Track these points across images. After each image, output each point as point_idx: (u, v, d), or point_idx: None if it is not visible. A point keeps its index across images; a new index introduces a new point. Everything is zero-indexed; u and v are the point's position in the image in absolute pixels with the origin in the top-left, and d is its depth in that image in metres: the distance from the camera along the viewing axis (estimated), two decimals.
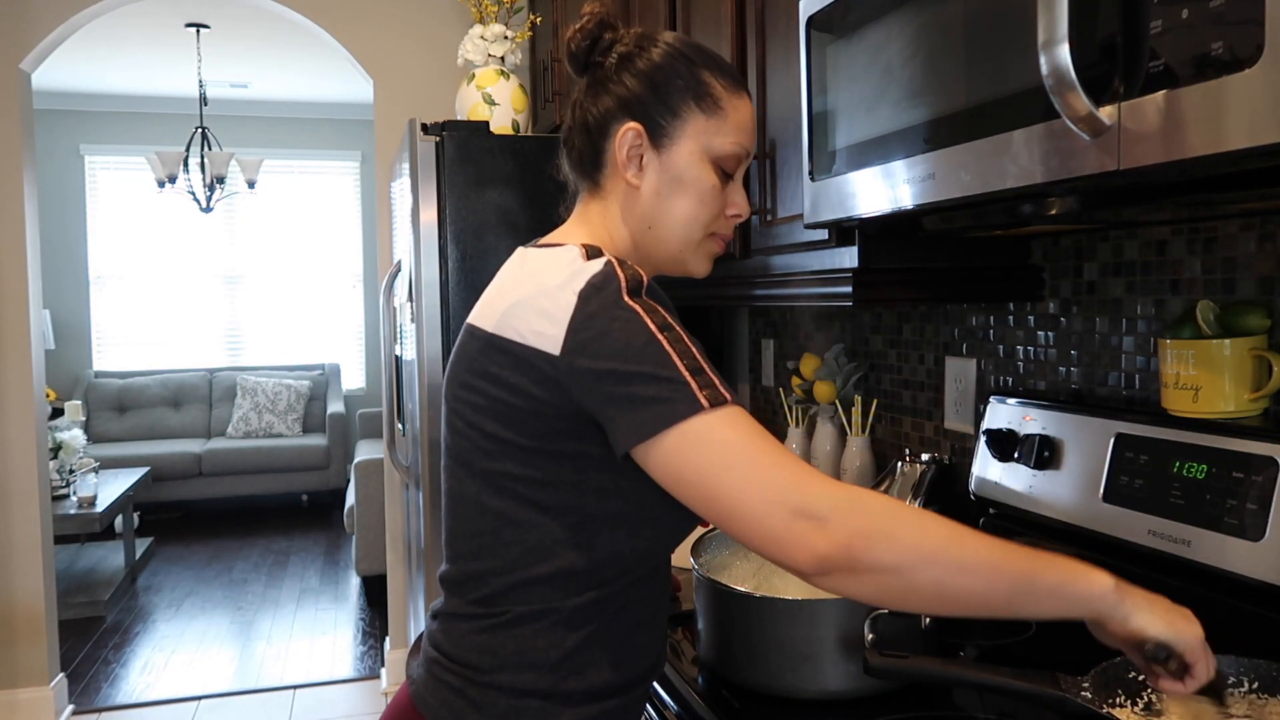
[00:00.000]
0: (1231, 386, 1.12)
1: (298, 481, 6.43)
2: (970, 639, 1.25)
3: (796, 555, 0.78)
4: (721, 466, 0.81)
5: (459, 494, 0.96)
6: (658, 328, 0.84)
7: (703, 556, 1.21)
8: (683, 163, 0.99)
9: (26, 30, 3.13)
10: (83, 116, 6.59)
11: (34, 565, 3.22)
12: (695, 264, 1.05)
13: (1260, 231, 1.15)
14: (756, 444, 0.81)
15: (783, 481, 0.79)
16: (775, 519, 0.78)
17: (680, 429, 0.81)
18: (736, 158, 1.01)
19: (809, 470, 0.80)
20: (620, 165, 1.00)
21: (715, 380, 0.83)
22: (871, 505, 0.79)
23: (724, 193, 1.02)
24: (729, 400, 0.82)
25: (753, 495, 0.79)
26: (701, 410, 0.81)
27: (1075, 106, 0.78)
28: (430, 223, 2.42)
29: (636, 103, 0.99)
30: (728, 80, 1.01)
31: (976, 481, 1.45)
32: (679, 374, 0.82)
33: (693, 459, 0.81)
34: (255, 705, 3.49)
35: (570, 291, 0.87)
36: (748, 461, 0.80)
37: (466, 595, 0.95)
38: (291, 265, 7.06)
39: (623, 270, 0.89)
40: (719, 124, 0.99)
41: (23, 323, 3.17)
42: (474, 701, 0.93)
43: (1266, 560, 0.98)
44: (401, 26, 3.38)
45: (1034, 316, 1.54)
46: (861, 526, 0.77)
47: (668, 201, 1.00)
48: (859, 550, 0.77)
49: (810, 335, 2.28)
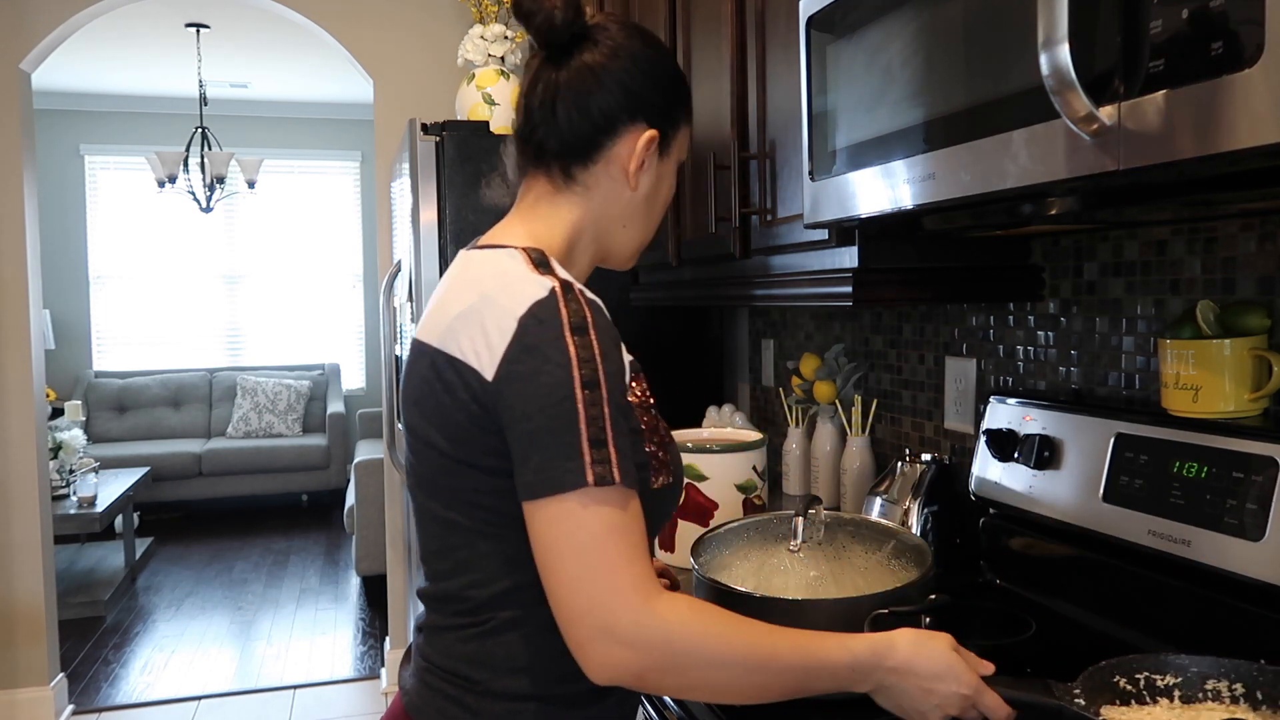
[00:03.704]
0: (1231, 386, 1.12)
1: (298, 481, 6.43)
2: (970, 639, 1.25)
3: (589, 666, 0.82)
4: (567, 552, 0.82)
5: (427, 512, 0.95)
6: (582, 383, 0.82)
7: (703, 556, 1.21)
8: (669, 170, 1.04)
9: (26, 30, 3.13)
10: (83, 116, 6.59)
11: (34, 565, 3.22)
12: (635, 260, 1.09)
13: (1260, 231, 1.15)
14: (607, 542, 0.81)
15: (604, 595, 0.81)
16: (582, 628, 0.81)
17: (559, 500, 0.82)
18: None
19: (638, 585, 0.81)
20: (628, 166, 0.97)
21: (612, 456, 0.82)
22: (676, 642, 0.81)
23: None
24: (616, 481, 0.81)
25: (575, 595, 0.81)
26: (583, 486, 0.81)
27: (1075, 106, 0.78)
28: (430, 223, 2.42)
29: (653, 109, 0.98)
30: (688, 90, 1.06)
31: (976, 481, 1.45)
32: (578, 442, 0.81)
33: (550, 531, 0.82)
34: (255, 705, 3.49)
35: (512, 316, 0.84)
36: (589, 559, 0.81)
37: (449, 609, 0.94)
38: (291, 265, 7.06)
39: (567, 303, 0.85)
40: (688, 134, 1.06)
41: (23, 323, 3.17)
42: (469, 709, 0.92)
43: (1266, 560, 0.98)
44: (401, 26, 3.38)
45: (1034, 316, 1.54)
46: (658, 662, 0.81)
47: (652, 204, 1.03)
48: (649, 681, 0.82)
49: (810, 335, 2.28)
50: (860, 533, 1.24)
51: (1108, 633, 1.23)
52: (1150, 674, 0.91)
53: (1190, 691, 0.90)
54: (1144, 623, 1.18)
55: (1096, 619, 1.25)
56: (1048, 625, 1.28)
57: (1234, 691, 0.89)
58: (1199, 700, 0.89)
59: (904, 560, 1.17)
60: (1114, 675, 0.90)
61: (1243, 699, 0.88)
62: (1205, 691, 0.90)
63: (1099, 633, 1.24)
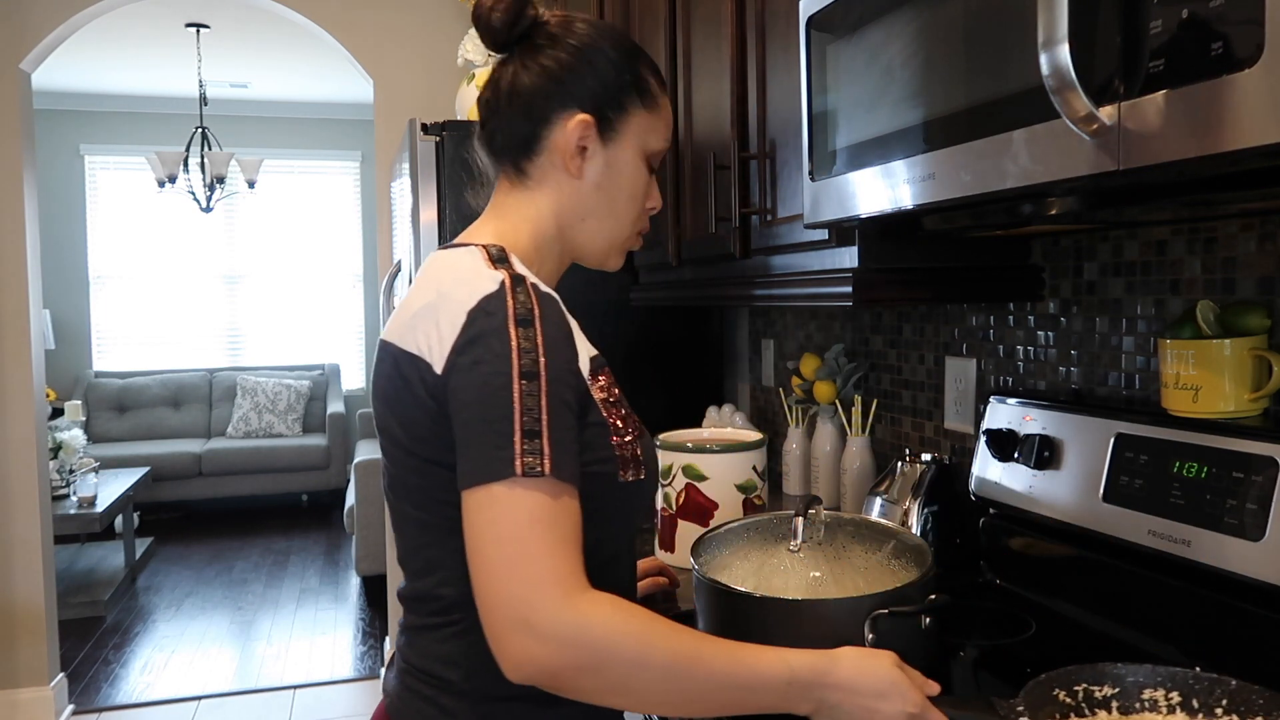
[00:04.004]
0: (1231, 386, 1.12)
1: (298, 481, 6.43)
2: (970, 639, 1.25)
3: (504, 661, 0.79)
4: (489, 541, 0.80)
5: (400, 513, 0.96)
6: (520, 373, 0.83)
7: (703, 556, 1.21)
8: (623, 159, 1.01)
9: (26, 30, 3.13)
10: (83, 116, 6.59)
11: (34, 565, 3.22)
12: (616, 259, 1.06)
13: (1260, 231, 1.15)
14: (531, 533, 0.80)
15: (525, 586, 0.79)
16: (499, 620, 0.79)
17: (487, 489, 0.81)
18: (661, 155, 1.04)
19: (561, 579, 0.79)
20: (565, 155, 0.99)
21: (545, 447, 0.82)
22: (594, 640, 0.78)
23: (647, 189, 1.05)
24: (545, 473, 0.81)
25: (493, 586, 0.79)
26: (511, 476, 0.80)
27: (1075, 106, 0.78)
28: (430, 223, 2.42)
29: (585, 93, 0.98)
30: (659, 78, 1.04)
31: (976, 481, 1.45)
32: (511, 432, 0.81)
33: (475, 519, 0.82)
34: (255, 705, 3.49)
35: (463, 310, 0.86)
36: (513, 550, 0.79)
37: (424, 609, 0.95)
38: (291, 265, 7.06)
39: (515, 295, 0.86)
40: (654, 121, 1.02)
41: (23, 323, 3.17)
42: (446, 709, 0.92)
43: (1266, 560, 0.98)
44: (401, 26, 3.38)
45: (1034, 316, 1.54)
46: (573, 660, 0.78)
47: (608, 196, 1.01)
48: (565, 681, 0.79)
49: (810, 335, 2.28)
50: (860, 533, 1.24)
51: (1108, 633, 1.23)
52: (1088, 685, 0.90)
53: (1128, 702, 0.90)
54: (1144, 623, 1.18)
55: (1096, 619, 1.25)
56: (1048, 625, 1.28)
57: (1170, 700, 0.89)
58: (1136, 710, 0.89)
59: (904, 560, 1.17)
60: (1054, 688, 0.89)
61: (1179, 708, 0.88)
62: (1142, 701, 0.89)
63: (1099, 633, 1.24)
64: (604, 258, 1.06)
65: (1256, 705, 0.85)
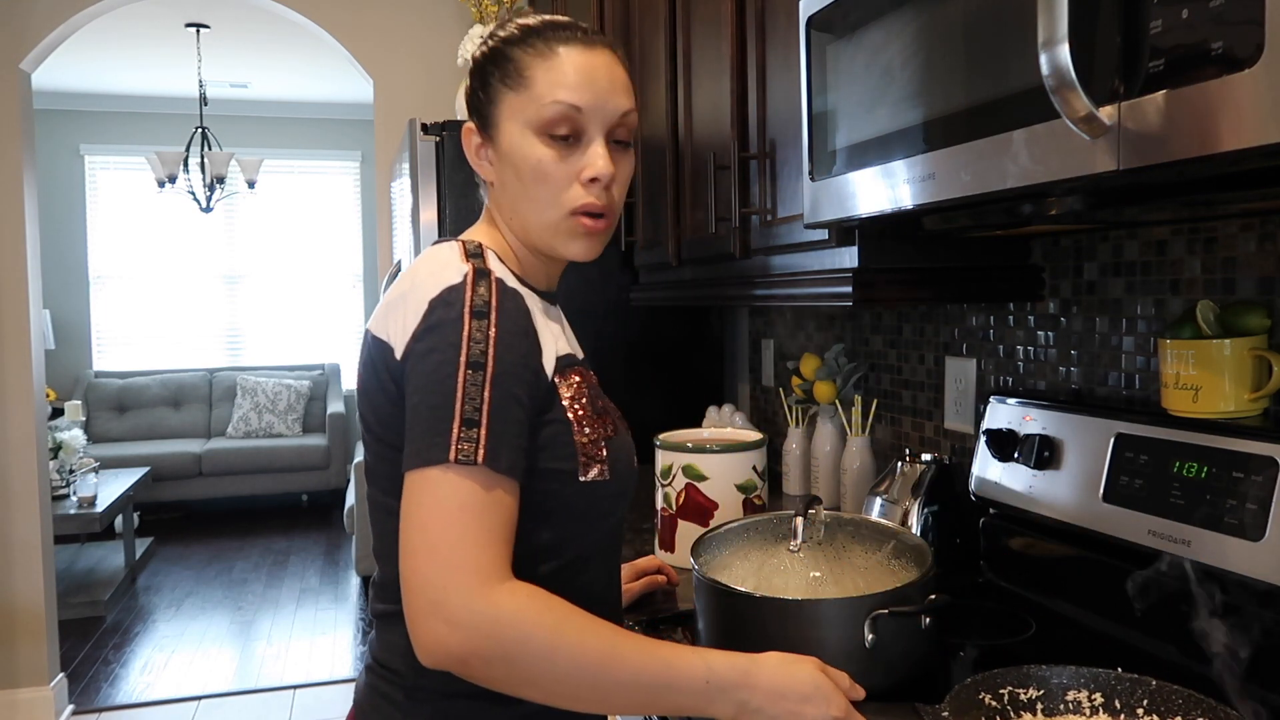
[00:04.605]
0: (1231, 386, 1.12)
1: (298, 481, 6.43)
2: (970, 639, 1.25)
3: (416, 644, 0.80)
4: (419, 524, 0.81)
5: (374, 502, 0.97)
6: (467, 362, 0.84)
7: (703, 556, 1.21)
8: (508, 145, 0.97)
9: (26, 30, 3.13)
10: (83, 116, 6.59)
11: (34, 565, 3.22)
12: (564, 246, 0.98)
13: (1260, 231, 1.15)
14: (458, 520, 0.81)
15: (443, 570, 0.79)
16: (415, 601, 0.80)
17: (423, 472, 0.82)
18: (562, 118, 0.94)
19: (480, 567, 0.80)
20: (473, 164, 1.02)
21: (482, 436, 0.82)
22: (504, 628, 0.78)
23: (570, 160, 0.96)
24: (478, 462, 0.82)
25: (413, 567, 0.81)
26: (443, 463, 0.81)
27: (1075, 106, 0.78)
28: (430, 223, 2.42)
29: (469, 100, 1.01)
30: (537, 45, 0.96)
31: (976, 481, 1.45)
32: (450, 419, 0.82)
33: (409, 502, 0.83)
34: (255, 705, 3.49)
35: (426, 298, 0.88)
36: (436, 534, 0.80)
37: (389, 595, 0.95)
38: (291, 265, 7.06)
39: (476, 287, 0.88)
40: (528, 94, 0.95)
41: (23, 323, 3.17)
42: (402, 706, 0.93)
43: (1266, 560, 0.98)
44: (401, 26, 3.38)
45: (1034, 316, 1.54)
46: (482, 648, 0.78)
47: (512, 189, 0.98)
48: (474, 669, 0.79)
49: (810, 335, 2.28)
50: (860, 533, 1.24)
51: (1108, 633, 1.23)
52: (1014, 688, 0.91)
53: (1052, 704, 0.90)
54: (1144, 623, 1.18)
55: (1096, 619, 1.25)
56: (1048, 625, 1.28)
57: (1094, 701, 0.90)
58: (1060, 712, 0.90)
59: (904, 560, 1.17)
60: (979, 692, 0.89)
61: (1102, 708, 0.89)
62: (1066, 703, 0.90)
63: (1099, 633, 1.24)
64: (549, 248, 1.00)
65: (1176, 705, 0.87)
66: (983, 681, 0.90)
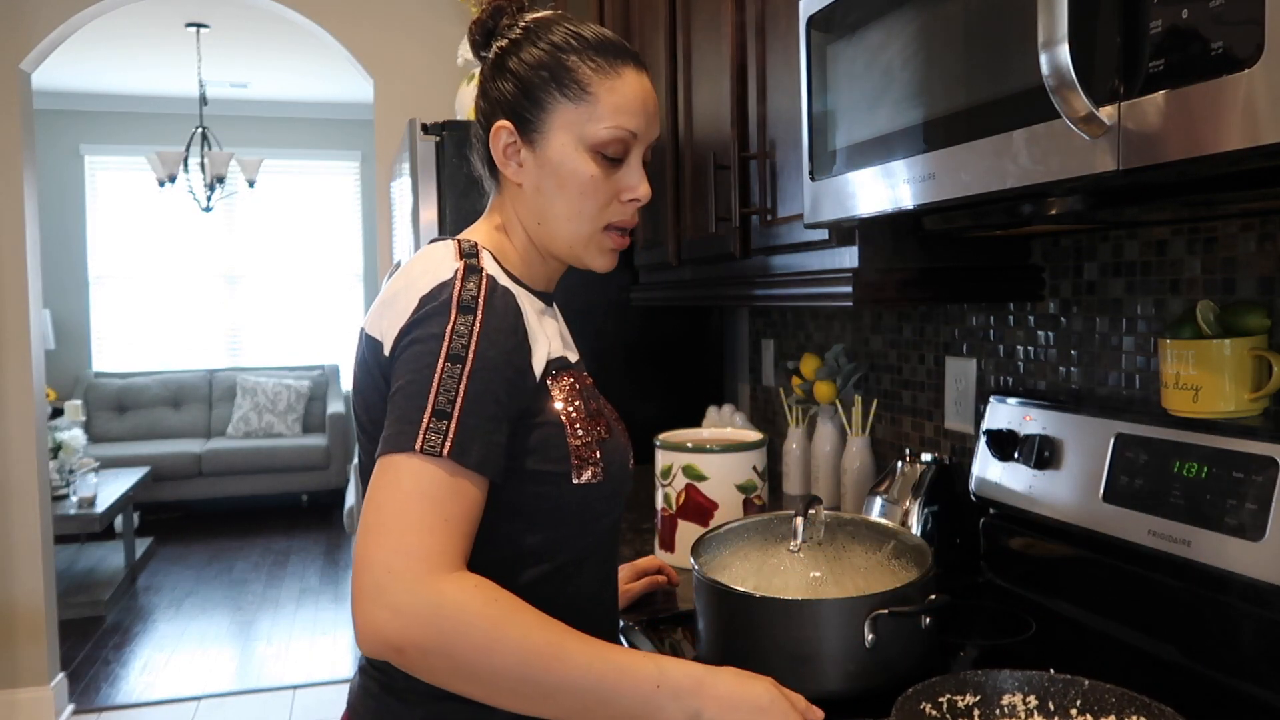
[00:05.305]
0: (1231, 386, 1.11)
1: (298, 481, 6.43)
2: (970, 639, 1.25)
3: (357, 627, 0.78)
4: (375, 505, 0.81)
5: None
6: (447, 355, 0.84)
7: (702, 556, 1.21)
8: (557, 156, 0.97)
9: (26, 30, 3.13)
10: (83, 116, 6.59)
11: (34, 565, 3.22)
12: (591, 259, 1.01)
13: (1260, 231, 1.15)
14: (411, 506, 0.80)
15: (391, 555, 0.78)
16: (361, 583, 0.78)
17: (390, 458, 0.82)
18: (618, 142, 0.97)
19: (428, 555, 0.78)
20: (500, 164, 1.00)
21: (451, 429, 0.82)
22: (444, 618, 0.76)
23: (614, 179, 0.98)
24: (443, 454, 0.81)
25: (366, 548, 0.79)
26: (409, 450, 0.81)
27: (1075, 106, 0.78)
28: (430, 222, 2.42)
29: (506, 99, 0.99)
30: (599, 61, 0.97)
31: (976, 481, 1.45)
32: (423, 408, 0.82)
33: (373, 486, 0.83)
34: (255, 705, 3.49)
35: (418, 295, 0.88)
36: (390, 521, 0.80)
37: None
38: (291, 265, 7.06)
39: (465, 283, 0.88)
40: (589, 110, 0.96)
41: (23, 323, 3.17)
42: (392, 709, 0.93)
43: (1266, 560, 0.98)
44: (401, 26, 3.38)
45: (1034, 316, 1.54)
46: (420, 637, 0.76)
47: (548, 197, 0.98)
48: (411, 659, 0.77)
49: (810, 335, 2.28)
50: (860, 533, 1.24)
51: (1108, 633, 1.23)
52: (952, 695, 0.91)
53: (989, 710, 0.90)
54: (1144, 623, 1.18)
55: (1096, 619, 1.25)
56: (1048, 625, 1.28)
57: (1029, 705, 0.90)
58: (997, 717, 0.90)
59: (904, 560, 1.17)
60: (920, 702, 0.89)
61: (1036, 710, 0.89)
62: (1002, 707, 0.90)
63: (1099, 633, 1.24)
64: (574, 258, 1.02)
65: (1109, 704, 0.87)
66: (923, 691, 0.90)
